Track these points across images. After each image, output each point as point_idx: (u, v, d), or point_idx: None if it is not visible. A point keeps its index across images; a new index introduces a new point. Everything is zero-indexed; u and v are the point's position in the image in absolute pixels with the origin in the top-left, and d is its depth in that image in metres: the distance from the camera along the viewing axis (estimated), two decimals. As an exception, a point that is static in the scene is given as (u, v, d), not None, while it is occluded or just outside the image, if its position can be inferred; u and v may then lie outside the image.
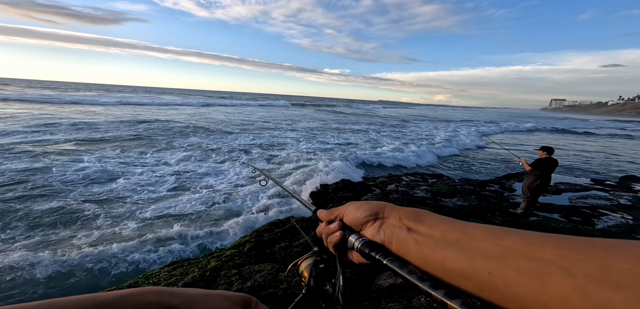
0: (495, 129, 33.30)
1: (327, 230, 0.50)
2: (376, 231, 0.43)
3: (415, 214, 0.40)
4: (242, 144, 13.30)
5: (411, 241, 0.37)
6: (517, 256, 0.27)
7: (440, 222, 0.37)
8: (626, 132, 41.66)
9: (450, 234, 0.34)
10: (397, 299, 2.63)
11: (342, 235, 0.47)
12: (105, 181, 7.24)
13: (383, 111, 62.41)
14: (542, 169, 5.55)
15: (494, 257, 0.29)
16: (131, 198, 6.38)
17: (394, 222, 0.41)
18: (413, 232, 0.38)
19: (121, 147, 10.90)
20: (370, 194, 6.86)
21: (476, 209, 6.09)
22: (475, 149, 17.68)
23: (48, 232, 4.83)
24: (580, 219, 6.11)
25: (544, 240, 0.27)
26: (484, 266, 0.29)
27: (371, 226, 0.44)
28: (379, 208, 0.44)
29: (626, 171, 12.80)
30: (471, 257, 0.31)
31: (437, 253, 0.34)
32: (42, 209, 5.54)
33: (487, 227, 0.33)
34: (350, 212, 0.47)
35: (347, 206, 0.49)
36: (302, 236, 4.04)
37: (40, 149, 9.49)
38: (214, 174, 8.41)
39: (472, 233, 0.33)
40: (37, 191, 6.29)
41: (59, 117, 17.35)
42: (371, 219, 0.44)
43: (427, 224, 0.38)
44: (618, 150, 20.89)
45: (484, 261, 0.29)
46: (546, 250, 0.26)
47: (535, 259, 0.26)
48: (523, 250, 0.27)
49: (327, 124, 26.29)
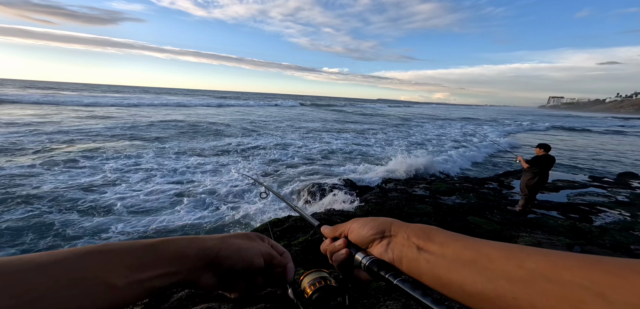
0: (518, 128, 32.80)
1: (332, 248, 0.49)
2: (384, 250, 0.42)
3: (424, 231, 0.39)
4: (323, 150, 12.81)
5: (422, 260, 0.36)
6: (544, 280, 0.26)
7: (452, 240, 0.36)
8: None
9: (464, 253, 0.33)
10: (396, 297, 2.64)
11: (348, 253, 0.46)
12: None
13: (389, 110, 61.05)
14: (539, 166, 5.57)
15: (518, 280, 0.27)
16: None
17: (402, 240, 0.40)
18: (423, 251, 0.37)
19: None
20: (369, 193, 6.87)
21: (475, 207, 6.11)
22: (510, 149, 16.65)
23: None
24: (578, 216, 6.14)
25: (569, 261, 0.26)
26: (508, 290, 0.28)
27: (378, 244, 0.43)
28: (385, 226, 0.43)
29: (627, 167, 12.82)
30: (492, 279, 0.29)
31: (453, 273, 0.33)
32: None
33: (503, 246, 0.32)
34: (355, 229, 0.46)
35: (351, 223, 0.48)
36: (301, 235, 4.05)
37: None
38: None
39: (489, 253, 0.31)
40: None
41: (142, 117, 19.30)
42: (378, 237, 0.43)
43: (438, 242, 0.37)
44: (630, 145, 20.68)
45: (507, 285, 0.28)
46: (575, 274, 0.25)
47: (565, 284, 0.25)
48: (549, 273, 0.26)
49: (361, 124, 26.01)
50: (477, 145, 16.48)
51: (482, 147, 15.43)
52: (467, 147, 15.78)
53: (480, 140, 19.27)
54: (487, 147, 15.82)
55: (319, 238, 0.56)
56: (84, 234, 4.91)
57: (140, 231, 5.18)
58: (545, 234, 4.90)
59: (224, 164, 9.71)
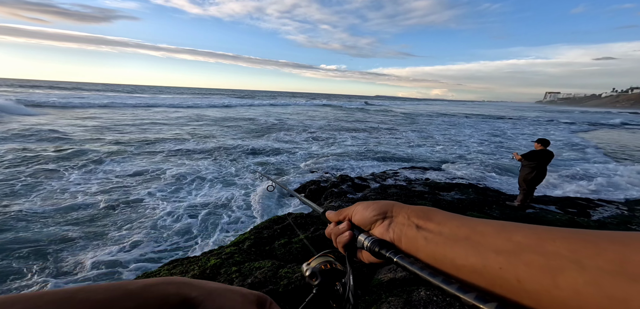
0: (587, 127, 31.19)
1: (336, 231, 0.50)
2: (385, 230, 0.43)
3: (424, 211, 0.41)
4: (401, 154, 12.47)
5: (420, 238, 0.38)
6: (528, 251, 0.27)
7: (449, 219, 0.37)
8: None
9: (460, 230, 0.35)
10: (397, 293, 2.64)
11: (351, 235, 0.47)
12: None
13: (397, 109, 57.98)
14: (536, 160, 5.61)
15: (505, 252, 0.29)
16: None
17: (403, 220, 0.42)
18: (422, 229, 0.38)
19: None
20: (368, 190, 6.87)
21: (474, 202, 6.14)
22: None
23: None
24: (576, 210, 6.18)
25: (555, 234, 0.27)
26: (495, 261, 0.29)
27: (380, 225, 0.44)
28: (387, 207, 0.45)
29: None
30: (481, 252, 0.31)
31: (447, 249, 0.34)
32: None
33: (497, 223, 0.33)
34: (359, 212, 0.48)
35: (355, 206, 0.49)
36: (303, 233, 4.04)
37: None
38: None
39: (482, 229, 0.33)
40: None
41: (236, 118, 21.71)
42: (380, 218, 0.45)
43: (436, 221, 0.38)
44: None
45: (495, 257, 0.29)
46: (557, 244, 0.26)
47: (547, 254, 0.26)
48: (534, 245, 0.27)
49: (400, 124, 25.47)
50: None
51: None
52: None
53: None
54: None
55: (321, 234, 0.58)
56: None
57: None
58: (544, 228, 4.93)
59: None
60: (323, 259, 0.53)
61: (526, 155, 5.70)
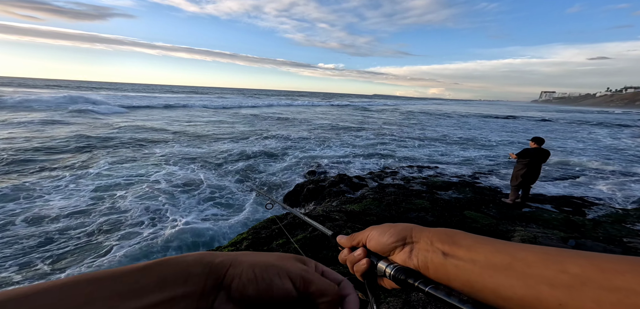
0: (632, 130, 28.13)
1: (352, 258, 0.48)
2: (407, 257, 0.41)
3: (448, 235, 0.39)
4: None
5: (450, 266, 0.36)
6: (593, 286, 0.25)
7: (480, 244, 0.35)
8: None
9: (496, 257, 0.32)
10: (396, 293, 2.64)
11: (369, 262, 0.45)
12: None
13: (405, 108, 54.83)
14: (529, 157, 5.71)
15: (562, 286, 0.27)
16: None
17: (426, 246, 0.40)
18: (450, 256, 0.36)
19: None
20: (366, 189, 6.87)
21: (471, 201, 6.16)
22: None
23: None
24: (571, 209, 6.24)
25: (620, 266, 0.25)
26: (551, 296, 0.27)
27: (400, 251, 0.42)
28: (406, 232, 0.43)
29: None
30: (531, 285, 0.28)
31: (486, 279, 0.32)
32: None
33: (539, 249, 0.31)
34: (374, 238, 0.45)
35: (369, 230, 0.47)
36: (300, 232, 4.02)
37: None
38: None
39: (525, 257, 0.30)
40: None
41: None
42: (399, 244, 0.42)
43: (465, 246, 0.36)
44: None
45: (550, 291, 0.27)
46: (628, 278, 0.24)
47: (618, 290, 0.24)
48: (598, 279, 0.25)
49: (440, 124, 24.85)
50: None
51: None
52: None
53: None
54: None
55: (319, 235, 0.54)
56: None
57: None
58: (540, 227, 4.96)
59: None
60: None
61: (520, 153, 5.81)
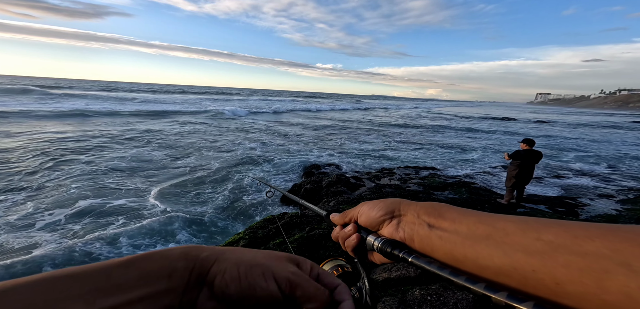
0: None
1: (343, 234, 0.48)
2: (394, 230, 0.42)
3: (435, 208, 0.39)
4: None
5: (435, 237, 0.36)
6: (564, 251, 0.26)
7: (464, 216, 0.35)
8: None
9: (478, 228, 0.33)
10: (392, 292, 2.67)
11: (359, 237, 0.46)
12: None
13: (414, 111, 52.39)
14: (521, 159, 5.84)
15: (536, 253, 0.27)
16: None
17: (412, 219, 0.40)
18: (435, 228, 0.37)
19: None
20: (363, 189, 6.91)
21: (467, 202, 6.23)
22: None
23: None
24: (565, 209, 6.33)
25: (591, 231, 0.25)
26: (526, 262, 0.27)
27: (388, 225, 0.43)
28: (394, 206, 0.43)
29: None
30: (508, 253, 0.29)
31: (467, 249, 0.32)
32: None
33: (519, 219, 0.31)
34: (365, 213, 0.46)
35: (360, 206, 0.48)
36: (297, 232, 4.04)
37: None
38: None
39: (504, 227, 0.31)
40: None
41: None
42: (387, 217, 0.43)
43: (450, 218, 0.36)
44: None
45: (525, 257, 0.28)
46: (597, 243, 0.24)
47: (587, 254, 0.24)
48: (569, 244, 0.26)
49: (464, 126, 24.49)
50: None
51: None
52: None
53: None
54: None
55: (316, 234, 0.56)
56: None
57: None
58: (535, 227, 5.03)
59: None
60: (333, 264, 0.50)
61: (512, 155, 5.92)
